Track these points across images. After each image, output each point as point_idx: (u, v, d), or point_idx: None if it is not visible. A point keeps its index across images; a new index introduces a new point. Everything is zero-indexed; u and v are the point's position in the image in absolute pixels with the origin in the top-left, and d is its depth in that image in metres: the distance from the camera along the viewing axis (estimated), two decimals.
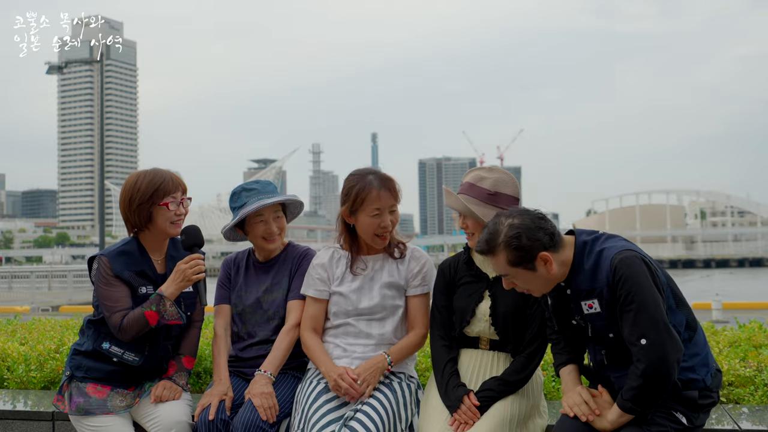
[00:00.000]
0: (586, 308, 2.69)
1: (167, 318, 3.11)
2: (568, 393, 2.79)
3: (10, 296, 25.93)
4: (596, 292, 2.64)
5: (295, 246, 3.56)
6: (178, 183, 3.24)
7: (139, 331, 3.11)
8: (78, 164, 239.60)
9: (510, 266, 2.65)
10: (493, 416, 2.82)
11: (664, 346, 2.53)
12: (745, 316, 4.98)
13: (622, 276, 2.57)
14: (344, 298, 3.19)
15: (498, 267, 2.70)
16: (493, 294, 3.02)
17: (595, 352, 2.82)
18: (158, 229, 3.23)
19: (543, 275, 2.66)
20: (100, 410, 3.11)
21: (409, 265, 3.23)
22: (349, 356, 3.13)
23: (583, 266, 2.68)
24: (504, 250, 2.63)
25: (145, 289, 3.20)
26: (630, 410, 2.60)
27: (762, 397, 3.49)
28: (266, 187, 3.42)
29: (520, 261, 2.63)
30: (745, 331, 4.33)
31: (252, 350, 3.38)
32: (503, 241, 2.63)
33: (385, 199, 3.11)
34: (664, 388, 2.56)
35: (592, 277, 2.65)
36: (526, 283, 2.69)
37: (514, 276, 2.68)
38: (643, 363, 2.54)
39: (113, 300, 3.13)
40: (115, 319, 3.11)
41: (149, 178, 3.21)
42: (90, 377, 3.20)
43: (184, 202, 3.26)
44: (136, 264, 3.21)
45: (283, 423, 3.14)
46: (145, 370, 3.26)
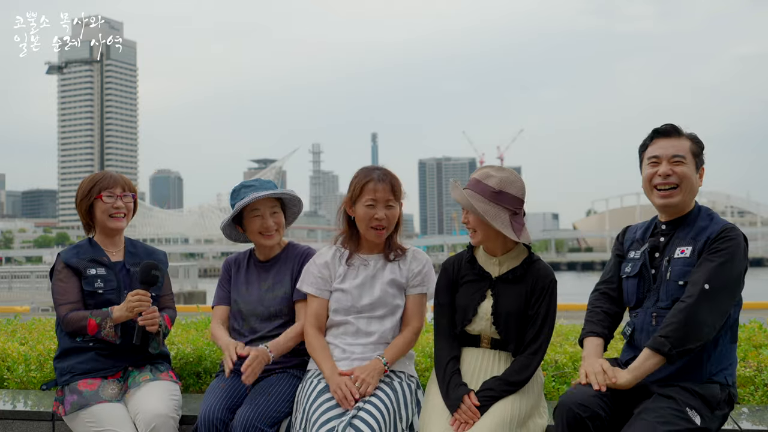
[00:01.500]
0: (678, 252, 2.84)
1: (102, 334, 3.26)
2: (588, 359, 2.80)
3: (10, 296, 25.88)
4: (696, 242, 2.82)
5: (295, 245, 3.56)
6: (118, 180, 3.47)
7: (77, 329, 3.28)
8: (78, 164, 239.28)
9: (690, 152, 2.90)
10: (494, 416, 2.82)
11: (719, 301, 2.69)
12: (745, 316, 4.96)
13: (727, 237, 2.77)
14: (345, 294, 3.19)
15: (675, 148, 2.90)
16: (495, 293, 3.02)
17: (645, 314, 2.87)
18: (99, 223, 3.43)
19: (695, 182, 2.90)
20: (94, 400, 3.14)
21: (411, 265, 3.24)
22: (348, 357, 3.13)
23: (696, 222, 2.89)
24: (691, 140, 2.92)
25: (94, 270, 3.36)
26: (660, 345, 2.63)
27: (762, 397, 3.49)
28: (264, 185, 3.44)
29: (697, 155, 2.91)
30: (745, 331, 4.33)
31: (252, 348, 3.37)
32: (692, 134, 2.93)
33: (381, 191, 3.13)
34: (699, 335, 2.65)
35: (700, 231, 2.84)
36: (688, 175, 2.87)
37: (687, 162, 2.88)
38: (693, 299, 2.67)
39: (61, 292, 3.34)
40: (61, 310, 3.31)
41: (92, 176, 3.49)
42: (76, 374, 3.25)
43: (122, 197, 3.43)
44: (86, 253, 3.42)
45: (283, 423, 3.14)
46: (126, 351, 3.32)
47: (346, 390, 2.94)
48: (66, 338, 3.35)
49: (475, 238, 3.04)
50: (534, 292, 2.99)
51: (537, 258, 3.07)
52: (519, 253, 3.08)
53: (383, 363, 3.07)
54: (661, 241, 2.93)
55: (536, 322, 2.97)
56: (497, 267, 3.07)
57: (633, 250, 3.01)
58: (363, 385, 2.96)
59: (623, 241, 3.10)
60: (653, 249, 2.94)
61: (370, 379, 2.99)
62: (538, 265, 3.03)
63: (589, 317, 3.03)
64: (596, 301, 3.07)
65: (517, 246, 3.09)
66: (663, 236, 2.94)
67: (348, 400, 2.91)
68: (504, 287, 3.02)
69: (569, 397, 2.68)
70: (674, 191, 2.89)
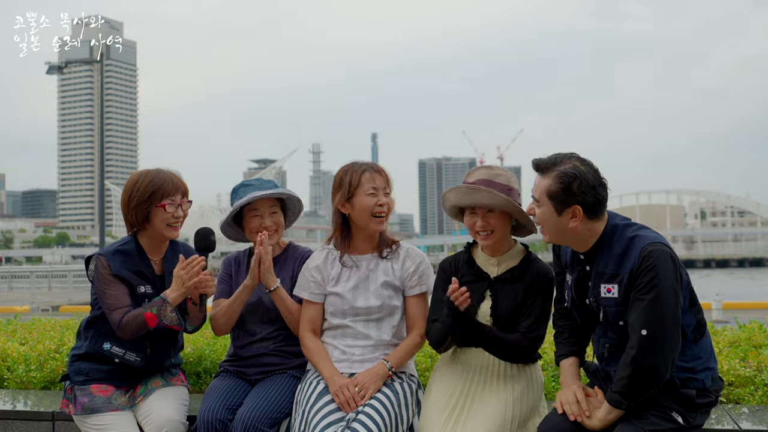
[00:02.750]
0: (605, 291, 2.69)
1: (166, 322, 3.12)
2: (564, 388, 2.80)
3: (10, 296, 25.94)
4: (619, 277, 2.65)
5: (296, 247, 3.55)
6: (178, 185, 3.24)
7: (137, 330, 3.11)
8: (78, 164, 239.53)
9: (545, 195, 2.69)
10: (494, 417, 2.82)
11: (663, 341, 2.54)
12: (745, 316, 4.98)
13: (649, 266, 2.57)
14: (340, 298, 3.18)
15: (535, 188, 2.75)
16: (494, 294, 3.02)
17: (599, 344, 2.82)
18: (155, 231, 3.23)
19: (563, 224, 2.69)
20: (106, 407, 3.12)
21: (404, 264, 3.22)
22: (348, 359, 3.13)
23: (612, 249, 2.69)
24: (553, 179, 2.67)
25: (143, 288, 3.20)
26: (617, 404, 2.60)
27: (762, 397, 3.49)
28: (265, 184, 3.42)
29: (556, 197, 2.67)
30: (745, 331, 4.33)
31: (252, 348, 3.38)
32: (559, 172, 2.66)
33: (378, 179, 3.17)
34: (653, 382, 2.56)
35: (618, 262, 2.66)
36: (545, 219, 2.72)
37: (541, 205, 2.71)
38: (635, 350, 2.55)
39: (113, 298, 3.14)
40: (115, 316, 3.12)
41: (150, 178, 3.22)
42: (91, 379, 3.20)
43: (183, 205, 3.26)
44: (134, 264, 3.22)
45: (282, 423, 3.14)
46: (145, 370, 3.27)
47: (348, 395, 2.93)
48: (93, 342, 3.24)
49: (490, 240, 2.99)
50: (532, 289, 2.99)
51: (535, 257, 3.07)
52: (517, 253, 3.08)
53: (387, 367, 3.06)
54: (587, 269, 2.78)
55: (530, 315, 2.96)
56: (495, 267, 3.06)
57: (569, 272, 2.90)
58: (363, 390, 2.96)
59: (560, 255, 2.96)
60: (580, 281, 2.82)
61: (371, 385, 2.98)
62: (536, 264, 3.03)
63: (556, 338, 3.01)
64: (558, 320, 3.03)
65: (515, 245, 3.10)
66: (585, 265, 2.79)
67: (351, 406, 2.91)
68: (502, 287, 3.02)
69: (544, 427, 2.74)
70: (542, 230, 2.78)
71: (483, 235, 2.99)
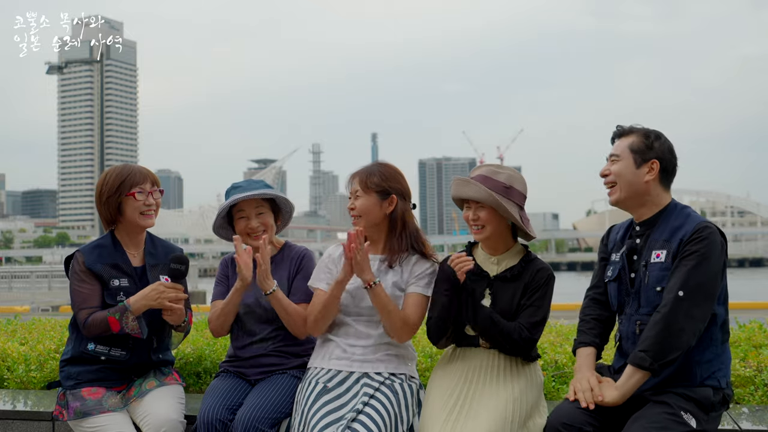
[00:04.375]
0: (654, 257, 2.79)
1: (127, 330, 3.13)
2: (578, 375, 2.83)
3: (10, 296, 25.89)
4: (670, 245, 2.76)
5: (292, 246, 3.55)
6: (146, 175, 3.31)
7: (101, 332, 3.16)
8: (78, 164, 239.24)
9: (627, 148, 2.85)
10: (494, 417, 2.82)
11: (696, 306, 2.63)
12: (745, 316, 4.97)
13: (700, 237, 2.70)
14: (347, 295, 3.16)
15: (616, 147, 2.89)
16: (493, 292, 3.02)
17: (629, 323, 2.86)
18: (128, 222, 3.28)
19: (639, 177, 2.83)
20: (98, 409, 3.12)
21: (414, 267, 3.17)
22: (348, 358, 3.13)
23: (669, 221, 2.82)
24: (637, 135, 2.86)
25: (117, 281, 3.23)
26: (641, 361, 2.63)
27: (762, 397, 3.49)
28: (253, 185, 3.42)
29: (638, 149, 2.84)
30: (745, 331, 4.33)
31: (251, 349, 3.38)
32: (644, 130, 2.87)
33: (352, 183, 3.19)
34: (679, 344, 2.61)
35: (673, 232, 2.78)
36: (622, 172, 2.85)
37: (621, 158, 2.85)
38: (668, 308, 2.63)
39: (82, 297, 3.20)
40: (81, 315, 3.18)
41: (117, 171, 3.31)
42: (82, 381, 3.21)
43: (153, 194, 3.31)
44: (110, 257, 3.26)
45: (283, 423, 3.14)
46: (134, 365, 3.28)
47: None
48: (77, 344, 3.26)
49: (482, 234, 3.02)
50: (531, 288, 3.00)
51: (534, 256, 3.07)
52: (517, 252, 3.09)
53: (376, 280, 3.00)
54: (637, 242, 2.90)
55: (529, 309, 2.96)
56: (495, 266, 3.07)
57: (615, 252, 3.00)
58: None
59: (607, 243, 3.09)
60: (631, 251, 2.91)
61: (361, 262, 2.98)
62: (535, 263, 3.04)
63: (580, 326, 3.04)
64: (586, 309, 3.06)
65: (515, 245, 3.11)
66: (638, 237, 2.90)
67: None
68: (502, 286, 3.02)
69: (556, 415, 2.75)
70: (612, 189, 2.92)
71: (475, 229, 3.04)
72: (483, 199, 2.98)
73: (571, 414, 2.70)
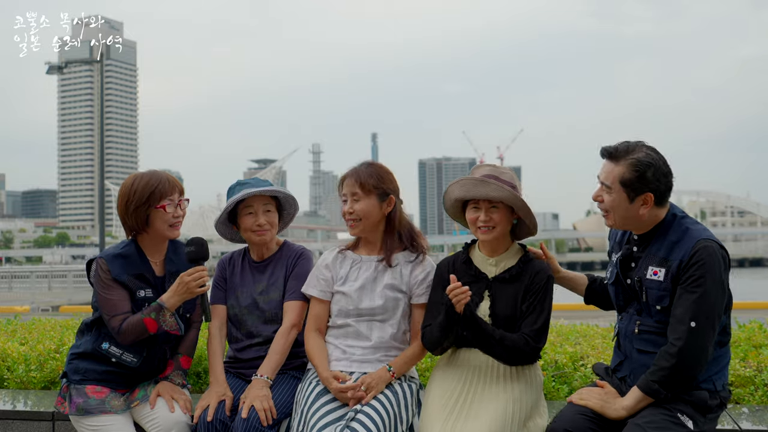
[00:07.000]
0: (651, 273, 2.75)
1: (165, 328, 3.13)
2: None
3: (10, 296, 25.90)
4: (668, 263, 2.70)
5: (290, 245, 3.54)
6: (174, 185, 3.23)
7: (138, 336, 3.12)
8: (78, 164, 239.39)
9: (618, 182, 2.72)
10: (494, 417, 2.82)
11: (707, 337, 2.62)
12: (745, 316, 4.97)
13: (700, 260, 2.63)
14: (346, 297, 3.17)
15: (606, 175, 2.76)
16: (492, 294, 3.02)
17: (630, 321, 2.86)
18: (156, 232, 3.22)
19: (633, 211, 2.74)
20: (99, 410, 3.11)
21: (414, 271, 3.18)
22: (348, 358, 3.13)
23: (668, 236, 2.75)
24: (627, 167, 2.71)
25: (143, 292, 3.20)
26: (655, 393, 2.64)
27: (762, 397, 3.49)
28: (260, 183, 3.43)
29: (630, 185, 2.71)
30: (745, 331, 4.33)
31: (251, 351, 3.37)
32: (634, 160, 2.70)
33: (348, 185, 3.17)
34: (693, 374, 2.62)
35: (670, 249, 2.72)
36: (615, 205, 2.76)
37: (613, 192, 2.74)
38: (683, 342, 2.60)
39: (112, 304, 3.14)
40: (114, 322, 3.12)
41: (145, 180, 3.19)
42: (87, 379, 3.20)
43: (181, 204, 3.25)
44: (134, 267, 3.21)
45: (282, 423, 3.14)
46: (142, 371, 3.27)
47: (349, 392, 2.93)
48: (91, 342, 3.24)
49: (491, 235, 3.00)
50: (530, 289, 2.99)
51: (532, 257, 3.07)
52: (515, 253, 3.08)
53: (389, 371, 3.05)
54: (634, 250, 2.87)
55: (531, 316, 2.95)
56: (493, 267, 3.06)
57: (614, 252, 2.99)
58: (368, 389, 2.95)
59: (611, 238, 3.10)
60: (626, 258, 2.89)
61: (374, 385, 2.98)
62: (533, 264, 3.03)
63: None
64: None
65: (513, 245, 3.10)
66: (635, 246, 2.87)
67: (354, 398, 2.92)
68: (500, 287, 3.02)
69: (557, 421, 2.77)
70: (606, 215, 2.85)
71: (484, 230, 3.00)
72: (505, 198, 2.95)
73: (573, 420, 2.73)
